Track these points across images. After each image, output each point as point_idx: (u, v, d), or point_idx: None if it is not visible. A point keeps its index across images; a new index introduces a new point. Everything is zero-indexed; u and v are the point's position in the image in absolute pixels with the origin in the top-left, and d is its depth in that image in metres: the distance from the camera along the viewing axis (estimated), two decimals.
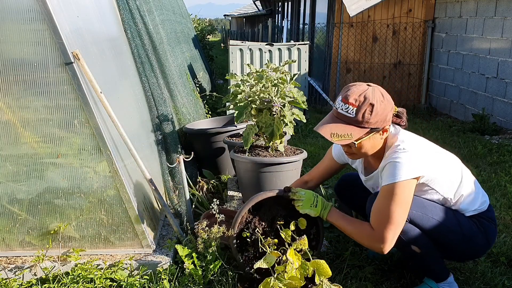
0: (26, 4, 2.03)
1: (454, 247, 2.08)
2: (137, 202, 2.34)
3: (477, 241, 2.08)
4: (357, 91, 1.92)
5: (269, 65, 3.02)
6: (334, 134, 1.93)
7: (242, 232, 2.23)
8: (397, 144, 1.99)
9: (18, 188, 2.24)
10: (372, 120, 1.91)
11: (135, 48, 3.06)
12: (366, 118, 1.91)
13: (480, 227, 2.08)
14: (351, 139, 1.92)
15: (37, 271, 2.25)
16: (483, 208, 2.12)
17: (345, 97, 1.93)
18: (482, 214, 2.11)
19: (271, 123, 2.87)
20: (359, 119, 1.91)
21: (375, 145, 2.01)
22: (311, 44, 9.10)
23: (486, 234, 2.09)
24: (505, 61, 5.80)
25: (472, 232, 2.06)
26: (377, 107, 1.90)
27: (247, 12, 28.37)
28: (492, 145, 5.02)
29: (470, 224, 2.07)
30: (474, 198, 2.11)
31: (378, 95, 1.93)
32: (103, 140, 2.19)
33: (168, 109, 3.31)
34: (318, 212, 2.11)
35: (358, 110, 1.90)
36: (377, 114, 1.91)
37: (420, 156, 1.97)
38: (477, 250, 2.14)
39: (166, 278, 2.20)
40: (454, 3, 7.03)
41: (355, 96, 1.91)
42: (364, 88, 1.94)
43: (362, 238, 2.01)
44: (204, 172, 3.72)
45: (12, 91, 2.13)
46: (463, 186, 2.08)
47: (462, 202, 2.08)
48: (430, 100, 7.84)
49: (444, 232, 2.04)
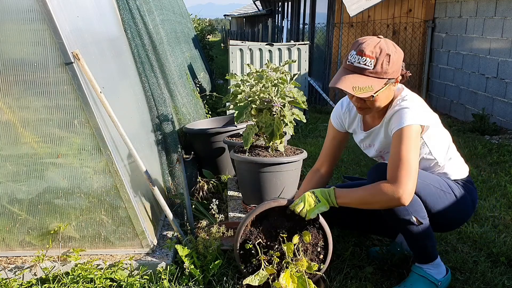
0: (26, 4, 2.03)
1: (447, 212, 2.10)
2: (137, 202, 2.34)
3: (466, 204, 2.16)
4: (372, 43, 1.95)
5: (269, 65, 3.02)
6: (356, 87, 1.94)
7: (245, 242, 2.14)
8: (404, 94, 2.07)
9: (18, 188, 2.24)
10: (390, 70, 1.96)
11: (135, 48, 3.05)
12: (385, 69, 1.95)
13: (465, 189, 2.16)
14: (373, 90, 1.95)
15: (37, 271, 2.25)
16: (465, 173, 2.22)
17: (360, 50, 1.95)
18: (464, 179, 2.20)
19: (271, 123, 2.87)
20: (378, 70, 1.94)
21: (388, 96, 2.06)
22: (311, 44, 9.10)
23: (471, 195, 2.18)
24: (505, 61, 5.80)
25: (461, 194, 2.13)
26: (393, 57, 1.95)
27: (247, 12, 28.37)
28: (492, 145, 5.02)
29: (458, 187, 2.15)
30: (458, 163, 2.21)
31: (390, 45, 1.98)
32: (103, 140, 2.19)
33: (168, 109, 3.31)
34: (326, 203, 2.04)
35: (376, 61, 1.94)
36: (393, 63, 1.96)
37: (424, 108, 2.06)
38: (466, 214, 2.21)
39: (166, 278, 2.20)
40: (454, 3, 7.03)
41: (371, 48, 1.94)
42: (377, 40, 1.97)
43: (378, 194, 1.94)
44: (204, 172, 3.72)
45: (12, 91, 2.13)
46: (450, 150, 2.18)
47: (449, 166, 2.16)
48: (430, 100, 7.84)
49: (441, 198, 2.08)
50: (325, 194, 2.06)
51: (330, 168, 2.41)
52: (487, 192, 3.58)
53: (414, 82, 7.91)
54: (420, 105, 2.06)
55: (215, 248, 2.30)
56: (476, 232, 2.81)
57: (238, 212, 3.02)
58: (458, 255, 2.53)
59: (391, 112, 2.05)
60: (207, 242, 2.31)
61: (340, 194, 2.04)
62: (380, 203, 1.97)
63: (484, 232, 2.80)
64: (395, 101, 2.08)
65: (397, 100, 2.08)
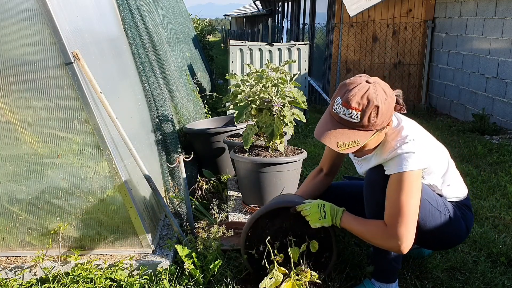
0: (26, 4, 2.02)
1: (439, 231, 2.05)
2: (137, 202, 2.34)
3: (459, 227, 2.10)
4: (359, 93, 1.77)
5: (269, 65, 3.02)
6: (340, 143, 1.81)
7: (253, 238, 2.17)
8: (405, 135, 1.91)
9: (18, 188, 2.24)
10: (378, 122, 1.80)
11: (135, 48, 3.05)
12: (372, 122, 1.79)
13: (460, 213, 2.11)
14: (359, 145, 1.82)
15: (37, 271, 2.25)
16: (463, 197, 2.16)
17: (346, 100, 1.78)
18: (461, 202, 2.15)
19: (271, 123, 2.87)
20: (365, 124, 1.79)
21: (378, 141, 1.95)
22: (311, 44, 9.10)
23: (466, 221, 2.12)
24: (505, 61, 5.80)
25: (456, 217, 2.07)
26: (382, 108, 1.78)
27: (247, 12, 28.38)
28: (492, 145, 5.02)
29: (453, 209, 2.09)
30: (457, 187, 2.14)
31: (381, 94, 1.79)
32: (103, 140, 2.19)
33: (168, 109, 3.31)
34: (330, 222, 2.03)
35: (363, 114, 1.78)
36: (383, 115, 1.80)
37: (426, 148, 1.94)
38: (459, 236, 2.14)
39: (166, 278, 2.20)
40: (454, 3, 7.03)
41: (357, 99, 1.77)
42: (365, 88, 1.78)
43: (377, 238, 1.92)
44: (204, 172, 3.72)
45: (12, 91, 2.13)
46: (448, 175, 2.09)
47: (447, 190, 2.10)
48: (430, 100, 7.84)
49: (434, 216, 2.02)
50: (333, 212, 2.04)
51: (333, 171, 2.38)
52: (487, 192, 3.57)
53: (414, 82, 7.91)
54: (422, 146, 1.90)
55: (215, 248, 2.30)
56: (476, 232, 2.81)
57: (238, 212, 3.02)
58: (458, 255, 2.53)
59: (390, 155, 1.91)
60: (207, 242, 2.31)
61: (345, 220, 2.02)
62: (379, 245, 1.97)
63: (484, 232, 2.80)
64: (394, 142, 1.91)
65: (397, 142, 1.90)
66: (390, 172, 1.90)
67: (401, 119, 2.00)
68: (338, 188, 2.40)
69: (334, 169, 2.38)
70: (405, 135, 1.91)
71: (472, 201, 3.36)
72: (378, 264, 2.14)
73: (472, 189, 3.64)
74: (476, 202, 3.33)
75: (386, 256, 2.06)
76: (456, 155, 4.64)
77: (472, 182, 3.80)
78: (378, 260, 2.12)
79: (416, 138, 1.91)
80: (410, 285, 2.27)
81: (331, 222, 2.03)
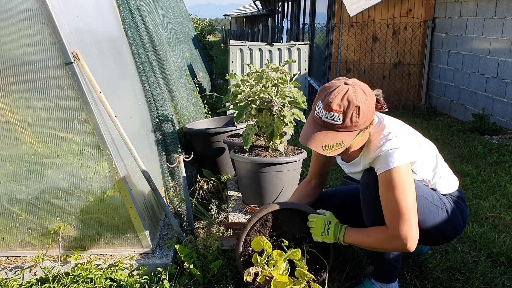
0: (26, 4, 2.02)
1: (439, 226, 2.05)
2: (137, 202, 2.34)
3: (457, 219, 2.10)
4: (339, 95, 1.80)
5: (269, 65, 3.02)
6: (326, 145, 1.83)
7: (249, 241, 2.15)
8: (387, 132, 1.93)
9: (18, 188, 2.24)
10: (360, 121, 1.83)
11: (135, 48, 3.06)
12: (355, 122, 1.82)
13: (456, 205, 2.11)
14: (344, 146, 1.85)
15: (37, 271, 2.25)
16: (456, 188, 2.17)
17: (327, 104, 1.80)
18: (455, 194, 2.15)
19: (271, 123, 2.87)
20: (348, 125, 1.82)
21: (363, 141, 1.96)
22: (311, 44, 9.10)
23: (461, 213, 2.12)
24: (505, 61, 5.80)
25: (453, 209, 2.08)
26: (363, 107, 1.81)
27: (247, 12, 28.40)
28: (492, 145, 5.02)
29: (449, 202, 2.09)
30: (448, 179, 2.15)
31: (360, 94, 1.82)
32: (103, 140, 2.19)
33: (168, 109, 3.31)
34: (332, 239, 2.05)
35: (345, 116, 1.80)
36: (364, 114, 1.82)
37: (411, 142, 1.95)
38: (457, 229, 2.15)
39: (166, 278, 2.20)
40: (454, 3, 7.03)
41: (338, 101, 1.79)
42: (344, 90, 1.81)
43: (383, 243, 1.93)
44: (204, 172, 3.72)
45: (12, 91, 2.13)
46: (438, 168, 2.09)
47: (439, 183, 2.10)
48: (430, 100, 7.84)
49: (432, 212, 2.02)
50: (337, 230, 2.05)
51: (322, 180, 2.40)
52: (487, 192, 3.58)
53: (414, 82, 7.91)
54: (405, 140, 1.93)
55: (215, 248, 2.30)
56: (476, 232, 2.81)
57: (238, 212, 3.02)
58: (458, 255, 2.53)
59: (374, 154, 1.93)
60: (207, 242, 2.31)
61: (348, 235, 2.03)
62: (386, 249, 1.99)
63: (484, 232, 2.80)
64: (377, 140, 1.94)
65: (380, 140, 1.93)
66: (379, 171, 1.91)
67: (383, 118, 2.02)
68: (329, 196, 2.41)
69: (323, 178, 2.39)
70: (387, 132, 1.94)
71: (472, 201, 3.37)
72: (378, 264, 2.14)
73: (472, 189, 3.64)
74: (476, 202, 3.33)
75: (385, 256, 2.07)
76: (456, 155, 4.64)
77: (472, 182, 3.81)
78: (378, 260, 2.12)
79: (399, 134, 1.93)
80: (410, 285, 2.27)
81: (333, 240, 2.05)
